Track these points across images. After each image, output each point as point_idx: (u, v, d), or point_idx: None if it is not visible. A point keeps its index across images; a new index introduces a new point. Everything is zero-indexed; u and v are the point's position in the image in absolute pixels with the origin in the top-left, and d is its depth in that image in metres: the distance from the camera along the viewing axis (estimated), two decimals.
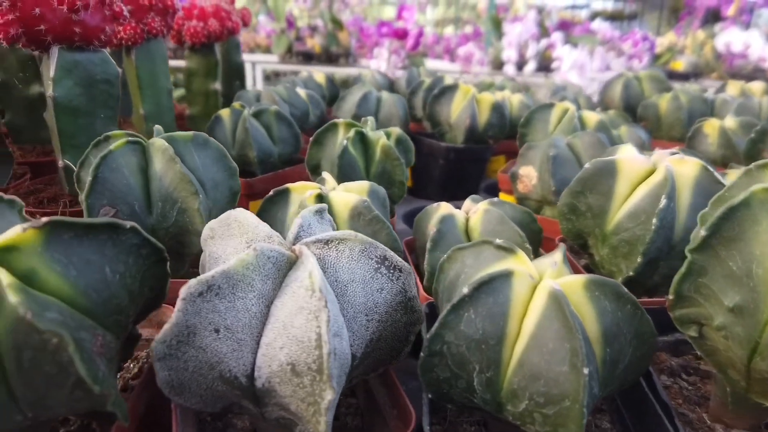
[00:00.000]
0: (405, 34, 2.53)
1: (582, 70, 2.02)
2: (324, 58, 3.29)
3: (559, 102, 0.75)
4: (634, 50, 2.62)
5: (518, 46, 2.56)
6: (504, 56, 2.67)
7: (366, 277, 0.29)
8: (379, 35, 2.62)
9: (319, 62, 3.30)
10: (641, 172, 0.43)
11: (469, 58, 2.56)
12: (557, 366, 0.25)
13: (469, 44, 2.71)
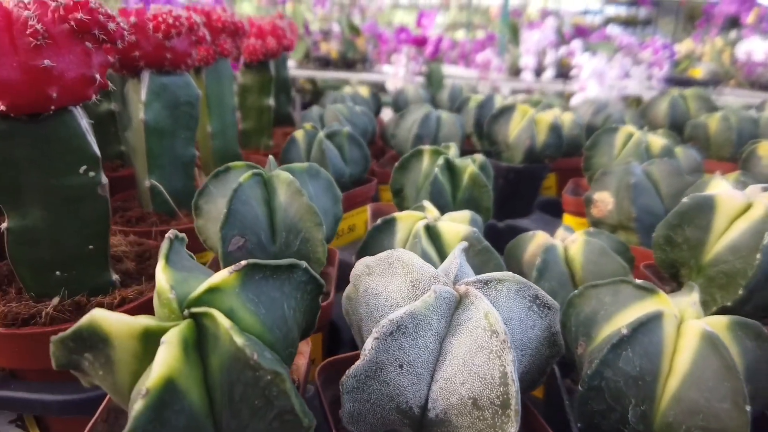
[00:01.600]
0: (424, 41, 2.54)
1: (601, 78, 2.02)
2: (341, 63, 3.33)
3: (622, 126, 0.77)
4: (654, 58, 2.62)
5: (536, 53, 2.58)
6: (522, 63, 2.69)
7: (521, 315, 0.32)
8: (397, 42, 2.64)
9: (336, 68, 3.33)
10: (738, 207, 0.45)
11: (486, 64, 2.58)
12: (718, 403, 0.27)
13: (487, 51, 2.72)
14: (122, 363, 0.27)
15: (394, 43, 2.72)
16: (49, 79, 0.41)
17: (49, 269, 0.47)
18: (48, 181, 0.44)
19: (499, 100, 1.08)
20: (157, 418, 0.24)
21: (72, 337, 0.26)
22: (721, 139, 0.99)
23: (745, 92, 3.32)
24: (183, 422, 0.26)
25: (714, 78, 3.28)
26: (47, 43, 0.41)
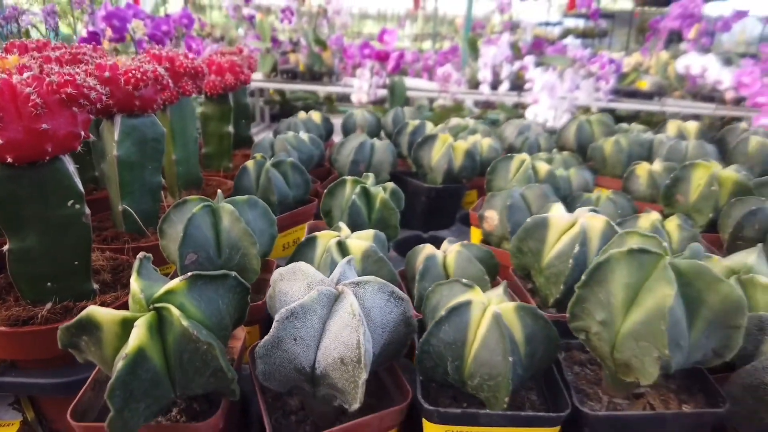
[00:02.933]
0: (386, 56, 2.70)
1: (552, 91, 2.20)
2: (308, 76, 3.46)
3: (516, 155, 0.94)
4: (601, 72, 2.83)
5: (493, 67, 2.75)
6: (480, 76, 2.87)
7: (382, 305, 0.47)
8: (361, 56, 2.78)
9: (303, 80, 3.46)
10: (566, 225, 0.62)
11: (447, 78, 2.74)
12: (495, 357, 0.43)
13: (447, 65, 2.88)
14: (108, 342, 0.42)
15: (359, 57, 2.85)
16: (45, 137, 0.55)
17: (42, 281, 0.61)
18: (43, 213, 0.58)
19: (429, 127, 1.24)
20: (132, 373, 0.39)
21: (75, 325, 0.41)
22: (614, 159, 1.18)
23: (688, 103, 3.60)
24: (149, 376, 0.40)
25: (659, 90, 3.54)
26: (44, 111, 0.55)
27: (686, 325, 0.43)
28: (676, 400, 0.49)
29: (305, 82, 3.50)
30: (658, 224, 0.75)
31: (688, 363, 0.45)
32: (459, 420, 0.45)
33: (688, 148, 1.18)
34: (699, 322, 0.43)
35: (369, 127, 1.45)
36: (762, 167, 1.17)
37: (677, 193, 0.92)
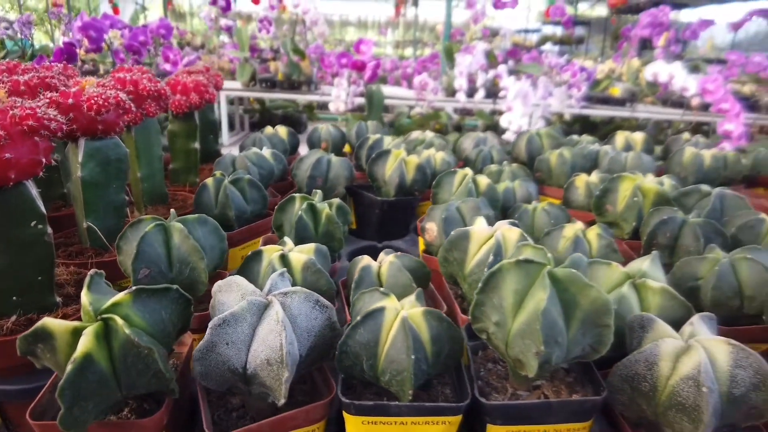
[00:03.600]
0: (363, 66, 2.76)
1: (526, 98, 2.29)
2: (287, 85, 3.52)
3: (459, 170, 1.02)
4: (573, 80, 2.93)
5: (468, 76, 2.83)
6: (456, 84, 2.95)
7: (308, 312, 0.54)
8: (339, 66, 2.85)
9: (282, 89, 3.52)
10: (485, 237, 0.69)
11: (423, 86, 2.82)
12: (401, 355, 0.50)
13: (424, 74, 2.95)
14: (61, 349, 0.48)
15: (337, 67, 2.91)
16: (9, 165, 0.61)
17: (8, 295, 0.66)
18: (9, 232, 0.63)
19: (387, 141, 1.32)
20: (80, 375, 0.45)
21: (32, 334, 0.47)
22: (558, 171, 1.26)
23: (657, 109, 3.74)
24: (96, 378, 0.46)
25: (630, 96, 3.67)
26: (7, 141, 0.61)
27: (563, 324, 0.50)
28: (567, 390, 0.57)
29: (284, 90, 3.56)
30: (580, 233, 0.83)
31: (570, 357, 0.53)
32: (372, 411, 0.51)
33: (628, 159, 1.27)
34: (574, 321, 0.51)
35: (333, 141, 1.52)
36: (695, 176, 1.26)
37: (607, 203, 1.00)
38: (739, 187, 1.38)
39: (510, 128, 2.10)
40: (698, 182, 1.23)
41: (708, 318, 0.57)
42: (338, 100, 2.51)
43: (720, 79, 2.39)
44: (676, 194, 1.02)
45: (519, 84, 2.33)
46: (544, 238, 0.86)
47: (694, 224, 0.83)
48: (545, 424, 0.54)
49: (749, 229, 0.85)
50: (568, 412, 0.53)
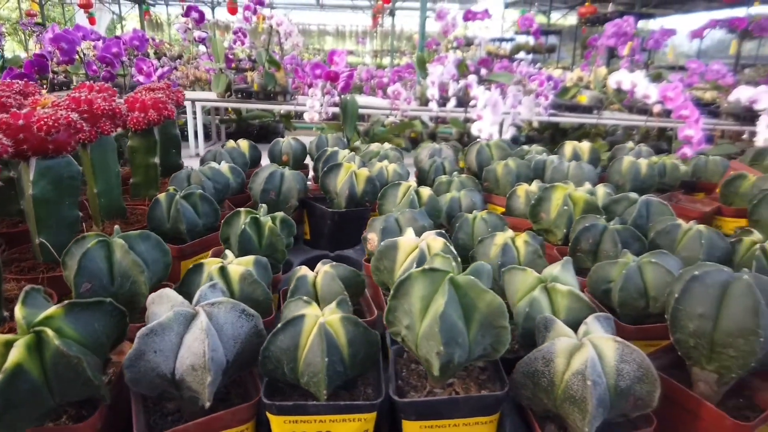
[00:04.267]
0: (336, 76, 2.81)
1: (495, 107, 2.35)
2: (262, 95, 3.55)
3: (403, 182, 1.07)
4: (540, 89, 3.01)
5: (440, 85, 2.89)
6: (428, 94, 3.01)
7: (234, 321, 0.58)
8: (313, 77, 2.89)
9: (258, 99, 3.55)
10: (411, 247, 0.75)
11: (396, 95, 2.88)
12: (316, 358, 0.55)
13: (396, 84, 3.01)
14: None
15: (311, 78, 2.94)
16: None
17: None
18: None
19: (342, 154, 1.37)
20: (10, 384, 0.48)
21: None
22: (504, 180, 1.33)
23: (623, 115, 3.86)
24: (27, 387, 0.50)
25: (597, 103, 3.78)
26: None
27: (463, 326, 0.55)
28: (476, 387, 0.62)
29: (259, 101, 3.59)
30: (509, 241, 0.89)
31: (473, 357, 0.58)
32: (292, 411, 0.56)
33: (570, 168, 1.34)
34: (474, 324, 0.56)
35: (294, 154, 1.57)
36: (632, 184, 1.34)
37: (541, 211, 1.07)
38: (677, 193, 1.46)
39: (481, 136, 2.17)
40: (635, 190, 1.31)
41: (604, 318, 0.63)
42: (312, 110, 2.55)
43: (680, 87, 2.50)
44: (607, 202, 1.09)
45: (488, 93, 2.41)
46: (478, 245, 0.91)
47: (613, 230, 0.89)
48: (454, 418, 0.59)
49: (666, 234, 0.92)
50: (474, 407, 0.58)
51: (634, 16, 7.77)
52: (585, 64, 5.82)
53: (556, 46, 9.35)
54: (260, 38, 3.57)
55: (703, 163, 1.62)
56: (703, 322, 0.62)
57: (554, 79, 3.57)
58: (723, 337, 0.61)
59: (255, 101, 3.40)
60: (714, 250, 0.90)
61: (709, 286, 0.63)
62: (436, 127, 3.52)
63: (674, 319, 0.64)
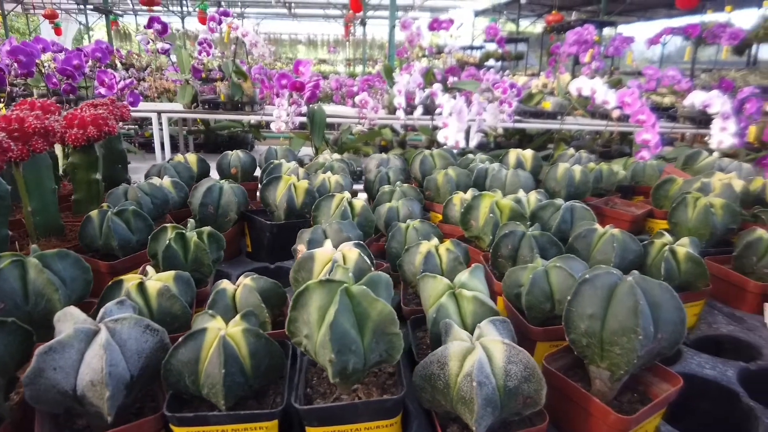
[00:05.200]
0: (302, 86, 2.83)
1: (460, 115, 2.39)
2: (229, 106, 3.55)
3: (337, 194, 1.10)
4: (504, 96, 3.08)
5: (407, 94, 2.93)
6: (395, 102, 3.05)
7: (138, 336, 0.60)
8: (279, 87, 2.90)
9: (225, 110, 3.54)
10: (327, 258, 0.77)
11: (364, 104, 2.91)
12: (215, 370, 0.57)
13: (363, 93, 3.04)
14: None
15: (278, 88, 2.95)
16: None
17: None
18: None
19: (286, 167, 1.39)
20: None
21: None
22: (444, 189, 1.36)
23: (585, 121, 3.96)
24: None
25: (561, 109, 3.88)
26: None
27: (357, 334, 0.58)
28: (379, 392, 0.65)
29: (227, 111, 3.58)
30: (432, 249, 0.92)
31: (370, 363, 0.60)
32: (194, 422, 0.58)
33: (507, 176, 1.38)
34: (368, 331, 0.59)
35: (243, 167, 1.58)
36: (567, 190, 1.39)
37: (471, 219, 1.10)
38: (614, 197, 1.52)
39: (447, 143, 2.21)
40: (570, 195, 1.36)
41: (500, 321, 0.67)
42: (279, 120, 2.57)
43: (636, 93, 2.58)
44: (535, 208, 1.13)
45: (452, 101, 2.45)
46: (405, 254, 0.94)
47: (530, 237, 0.93)
48: (356, 422, 0.61)
49: (583, 238, 0.97)
50: (374, 411, 0.61)
51: (596, 24, 7.99)
52: (549, 71, 5.95)
53: (525, 53, 9.56)
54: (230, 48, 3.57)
55: (641, 167, 1.69)
56: (593, 322, 0.66)
57: (517, 86, 3.65)
58: (610, 336, 0.65)
59: (222, 112, 3.39)
60: (627, 253, 0.95)
61: (598, 288, 0.67)
62: (405, 135, 3.56)
63: (568, 320, 0.68)
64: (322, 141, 2.58)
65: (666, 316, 0.65)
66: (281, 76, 2.80)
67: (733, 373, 0.79)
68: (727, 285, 1.02)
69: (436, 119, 2.73)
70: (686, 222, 1.13)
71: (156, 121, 3.33)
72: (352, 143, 3.22)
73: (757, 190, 1.39)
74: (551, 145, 3.35)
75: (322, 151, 2.69)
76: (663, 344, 0.66)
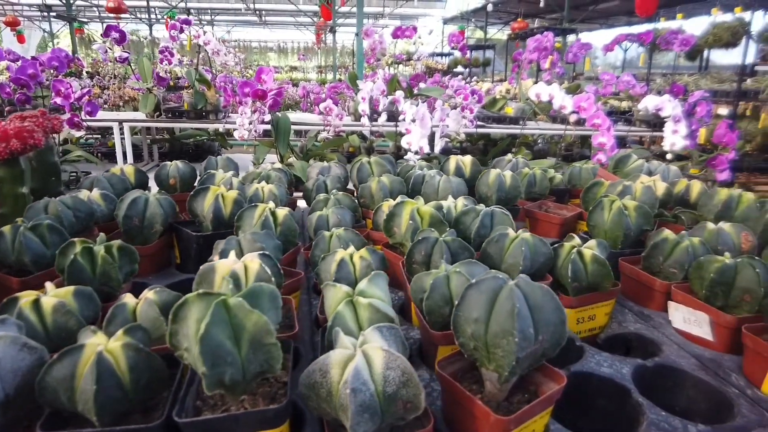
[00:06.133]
0: (264, 95, 2.82)
1: (423, 121, 2.41)
2: (193, 114, 3.51)
3: (260, 204, 1.10)
4: (465, 103, 3.12)
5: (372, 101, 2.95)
6: (360, 109, 3.06)
7: (14, 354, 0.59)
8: (242, 95, 2.89)
9: (189, 118, 3.51)
10: (226, 269, 0.78)
11: (328, 112, 2.91)
12: (88, 386, 0.57)
13: (328, 101, 3.05)
14: None
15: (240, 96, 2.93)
16: None
17: None
18: None
19: (219, 177, 1.39)
20: None
21: None
22: (377, 196, 1.38)
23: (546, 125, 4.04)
24: None
25: (523, 114, 3.94)
26: None
27: (233, 346, 0.59)
28: (265, 401, 0.65)
29: (190, 120, 3.54)
30: (346, 257, 0.93)
31: (250, 374, 0.61)
32: None
33: (440, 183, 1.41)
34: (245, 343, 0.59)
35: (182, 177, 1.57)
36: (497, 195, 1.42)
37: (394, 226, 1.12)
38: (547, 201, 1.56)
39: (411, 149, 2.23)
40: (500, 200, 1.39)
41: (387, 328, 0.68)
42: (242, 128, 2.56)
43: (592, 98, 2.65)
44: (458, 214, 1.15)
45: (414, 108, 2.48)
46: (321, 262, 0.95)
47: (441, 242, 0.95)
48: None
49: (495, 243, 0.99)
50: (256, 422, 0.61)
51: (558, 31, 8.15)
52: (512, 78, 6.05)
53: (492, 59, 9.72)
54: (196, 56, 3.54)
55: (577, 171, 1.74)
56: (478, 326, 0.68)
57: (478, 92, 3.71)
58: (492, 338, 0.67)
59: (185, 121, 3.36)
60: (538, 256, 0.97)
61: (483, 293, 0.68)
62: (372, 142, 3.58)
63: (456, 324, 0.70)
64: (287, 148, 2.58)
65: (546, 317, 0.67)
66: (244, 84, 2.80)
67: (628, 371, 0.82)
68: (637, 284, 1.06)
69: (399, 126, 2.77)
70: (603, 224, 1.16)
71: (117, 130, 3.28)
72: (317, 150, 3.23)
73: (681, 191, 1.45)
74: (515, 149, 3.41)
75: (287, 158, 2.70)
76: (545, 345, 0.68)
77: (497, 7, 10.02)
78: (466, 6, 11.31)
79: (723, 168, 2.83)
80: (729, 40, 4.68)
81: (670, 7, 6.49)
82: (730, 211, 1.23)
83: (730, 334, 0.86)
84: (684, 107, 3.87)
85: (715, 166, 2.93)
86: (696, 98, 3.79)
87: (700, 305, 0.90)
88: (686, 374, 0.83)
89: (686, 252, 0.99)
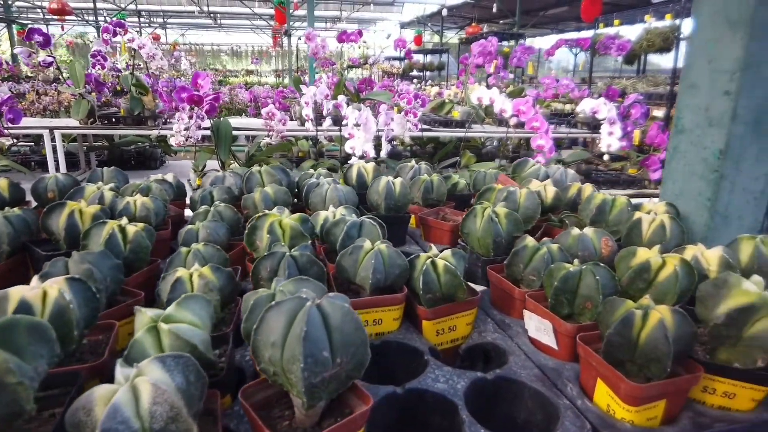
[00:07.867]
0: (200, 100, 2.73)
1: (367, 125, 2.36)
2: (131, 120, 3.38)
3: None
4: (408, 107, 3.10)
5: (314, 105, 2.89)
6: (303, 113, 3.00)
7: None
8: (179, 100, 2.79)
9: (126, 125, 3.38)
10: (20, 295, 0.71)
11: (271, 116, 2.84)
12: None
13: (270, 105, 2.98)
14: None
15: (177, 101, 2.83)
16: None
17: None
18: None
19: (88, 190, 1.31)
20: None
21: None
22: (260, 207, 1.33)
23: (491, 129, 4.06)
24: None
25: (468, 118, 3.95)
26: None
27: None
28: None
29: (127, 126, 3.41)
30: (185, 275, 0.88)
31: None
32: None
33: (328, 191, 1.37)
34: None
35: (61, 190, 1.48)
36: (386, 203, 1.39)
37: (256, 239, 1.07)
38: (444, 207, 1.54)
39: (355, 153, 2.18)
40: (390, 208, 1.36)
41: (174, 357, 0.63)
42: (179, 134, 2.47)
43: (530, 101, 2.66)
44: (329, 225, 1.12)
45: (357, 112, 2.43)
46: (162, 281, 0.90)
47: (288, 257, 0.91)
48: None
49: (349, 256, 0.95)
50: None
51: (509, 36, 8.27)
52: (459, 82, 6.11)
53: (446, 63, 9.79)
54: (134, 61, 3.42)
55: (482, 176, 1.73)
56: (275, 351, 0.64)
57: (422, 96, 3.72)
58: (286, 364, 0.63)
59: (122, 127, 3.23)
60: (393, 268, 0.94)
61: (282, 315, 0.64)
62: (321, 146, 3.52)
63: (255, 348, 0.66)
64: (229, 155, 2.51)
65: (346, 339, 0.64)
66: (181, 89, 2.70)
67: (463, 385, 0.79)
68: (501, 292, 1.04)
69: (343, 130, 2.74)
70: (475, 232, 1.14)
71: (48, 138, 3.12)
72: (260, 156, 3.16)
73: (573, 195, 1.45)
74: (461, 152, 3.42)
75: (229, 165, 2.62)
76: (348, 367, 0.65)
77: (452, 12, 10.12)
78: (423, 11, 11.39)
79: (656, 168, 2.90)
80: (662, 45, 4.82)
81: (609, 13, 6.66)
82: (603, 215, 1.24)
83: (571, 343, 0.85)
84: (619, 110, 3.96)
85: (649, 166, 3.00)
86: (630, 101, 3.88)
87: (545, 313, 0.89)
88: (524, 386, 0.81)
89: (542, 259, 0.98)
